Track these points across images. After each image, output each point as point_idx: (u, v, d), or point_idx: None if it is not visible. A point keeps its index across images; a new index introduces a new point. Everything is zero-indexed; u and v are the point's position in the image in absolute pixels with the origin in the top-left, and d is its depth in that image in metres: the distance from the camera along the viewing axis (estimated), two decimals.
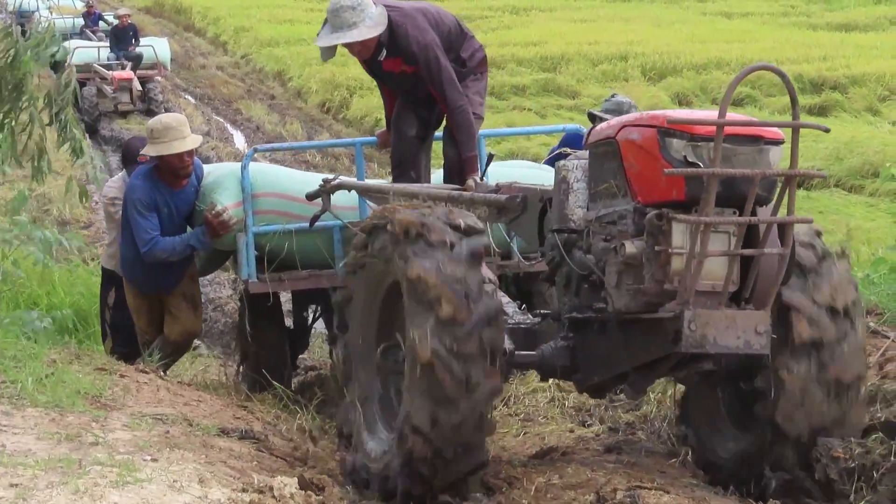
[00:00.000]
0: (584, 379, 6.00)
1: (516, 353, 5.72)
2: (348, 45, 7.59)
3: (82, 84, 18.50)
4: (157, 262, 8.05)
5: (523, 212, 6.20)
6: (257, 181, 8.08)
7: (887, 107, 23.15)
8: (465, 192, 6.97)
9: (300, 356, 9.41)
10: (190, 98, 27.35)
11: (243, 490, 5.15)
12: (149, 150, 8.10)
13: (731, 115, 5.12)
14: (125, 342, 8.94)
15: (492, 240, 7.37)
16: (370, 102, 21.41)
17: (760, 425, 5.63)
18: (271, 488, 5.23)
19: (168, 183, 8.09)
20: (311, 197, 7.72)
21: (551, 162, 8.52)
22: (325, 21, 7.60)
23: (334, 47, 7.65)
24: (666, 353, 5.29)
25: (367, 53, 7.64)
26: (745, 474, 5.71)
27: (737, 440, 5.86)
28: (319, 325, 9.59)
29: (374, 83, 8.77)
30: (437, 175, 8.09)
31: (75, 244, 12.17)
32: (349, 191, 7.89)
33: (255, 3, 39.54)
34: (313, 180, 8.21)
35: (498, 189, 6.80)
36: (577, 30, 31.38)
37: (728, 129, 4.94)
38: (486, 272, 5.33)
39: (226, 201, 7.97)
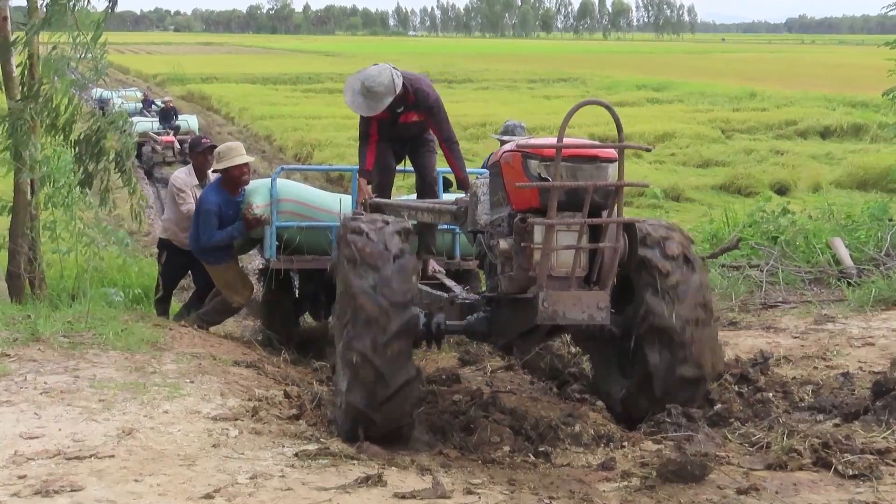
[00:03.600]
0: (495, 341, 6.38)
1: (448, 322, 6.00)
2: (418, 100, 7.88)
3: (142, 145, 22.78)
4: (212, 246, 8.69)
5: (466, 218, 6.26)
6: (281, 190, 8.61)
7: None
8: (440, 205, 7.20)
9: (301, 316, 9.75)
10: None
11: (248, 399, 5.97)
12: (218, 166, 8.72)
13: (573, 139, 5.50)
14: (166, 288, 9.65)
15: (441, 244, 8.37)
16: (325, 154, 26.78)
17: (637, 373, 5.86)
18: (266, 398, 6.08)
19: (230, 191, 8.70)
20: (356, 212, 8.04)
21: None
22: (358, 91, 7.72)
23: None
24: (533, 324, 5.50)
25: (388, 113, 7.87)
26: (631, 409, 5.89)
27: (622, 384, 6.05)
28: None
29: (328, 142, 8.66)
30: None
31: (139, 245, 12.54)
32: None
33: (253, 93, 50.16)
34: (320, 192, 8.84)
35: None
36: (453, 108, 36.33)
37: (572, 151, 5.24)
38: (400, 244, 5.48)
39: (259, 202, 8.51)
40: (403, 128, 8.07)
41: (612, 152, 5.37)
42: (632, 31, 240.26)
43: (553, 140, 5.23)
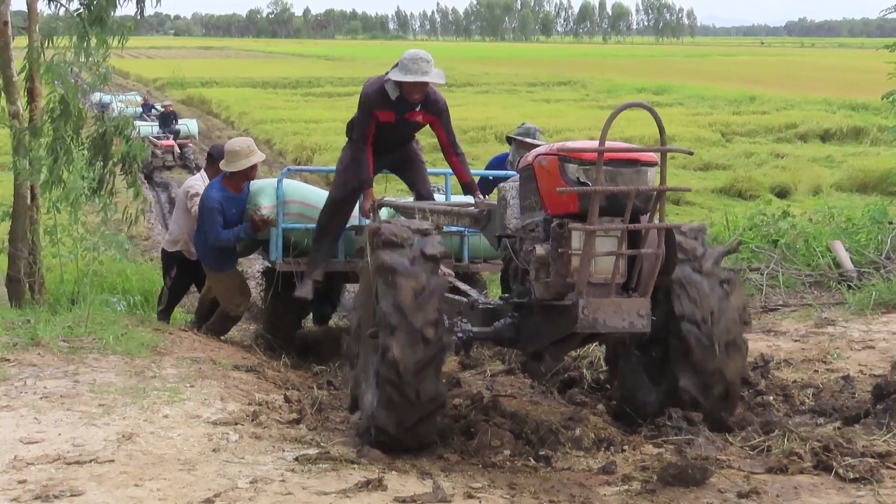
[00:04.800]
0: (524, 348, 6.08)
1: (475, 329, 5.81)
2: (420, 85, 7.51)
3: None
4: (218, 247, 8.47)
5: (489, 222, 6.21)
6: (287, 191, 8.41)
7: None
8: (457, 207, 7.07)
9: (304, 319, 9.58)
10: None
11: (248, 404, 5.99)
12: (232, 168, 8.38)
13: (614, 143, 5.28)
14: (171, 302, 9.46)
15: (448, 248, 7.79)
16: (325, 157, 26.69)
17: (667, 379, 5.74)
18: (267, 402, 6.08)
19: (233, 189, 8.43)
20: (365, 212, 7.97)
21: (482, 185, 8.98)
22: (396, 65, 7.49)
23: (401, 84, 7.50)
24: (570, 332, 5.37)
25: (422, 97, 7.65)
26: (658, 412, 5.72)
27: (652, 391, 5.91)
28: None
29: (328, 146, 8.46)
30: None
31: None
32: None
33: (252, 97, 50.28)
34: (325, 193, 8.53)
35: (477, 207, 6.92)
36: (454, 112, 34.68)
37: (612, 155, 5.11)
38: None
39: (265, 203, 8.30)
40: (405, 128, 7.88)
41: (653, 156, 5.29)
42: (631, 34, 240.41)
43: (592, 143, 5.19)
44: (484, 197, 7.75)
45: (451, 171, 8.17)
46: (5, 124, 10.45)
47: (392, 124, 7.72)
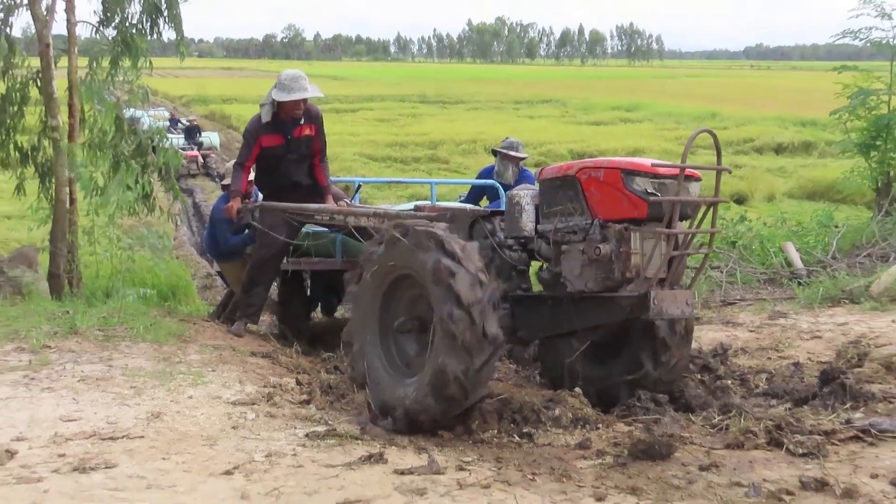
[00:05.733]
0: (526, 337, 6.02)
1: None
2: (303, 101, 7.71)
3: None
4: (230, 250, 8.65)
5: (451, 223, 6.14)
6: None
7: None
8: (418, 212, 6.87)
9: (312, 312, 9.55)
10: (230, 165, 29.41)
11: (264, 386, 6.01)
12: (226, 181, 8.66)
13: (661, 161, 5.57)
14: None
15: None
16: (332, 167, 24.97)
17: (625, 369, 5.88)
18: (280, 385, 6.10)
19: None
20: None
21: (472, 193, 9.09)
22: (275, 87, 7.65)
23: (277, 104, 7.67)
24: (618, 319, 5.44)
25: (302, 112, 7.80)
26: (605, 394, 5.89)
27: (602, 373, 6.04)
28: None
29: (334, 157, 8.39)
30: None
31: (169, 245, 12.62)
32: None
33: None
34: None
35: (417, 209, 6.95)
36: (448, 126, 40.35)
37: (669, 171, 5.30)
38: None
39: None
40: (298, 142, 7.89)
41: (698, 173, 5.49)
42: (606, 58, 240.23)
43: (646, 161, 5.38)
44: (476, 203, 7.72)
45: (435, 181, 8.17)
46: (47, 136, 10.50)
47: (284, 145, 7.79)
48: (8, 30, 10.56)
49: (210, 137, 29.82)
